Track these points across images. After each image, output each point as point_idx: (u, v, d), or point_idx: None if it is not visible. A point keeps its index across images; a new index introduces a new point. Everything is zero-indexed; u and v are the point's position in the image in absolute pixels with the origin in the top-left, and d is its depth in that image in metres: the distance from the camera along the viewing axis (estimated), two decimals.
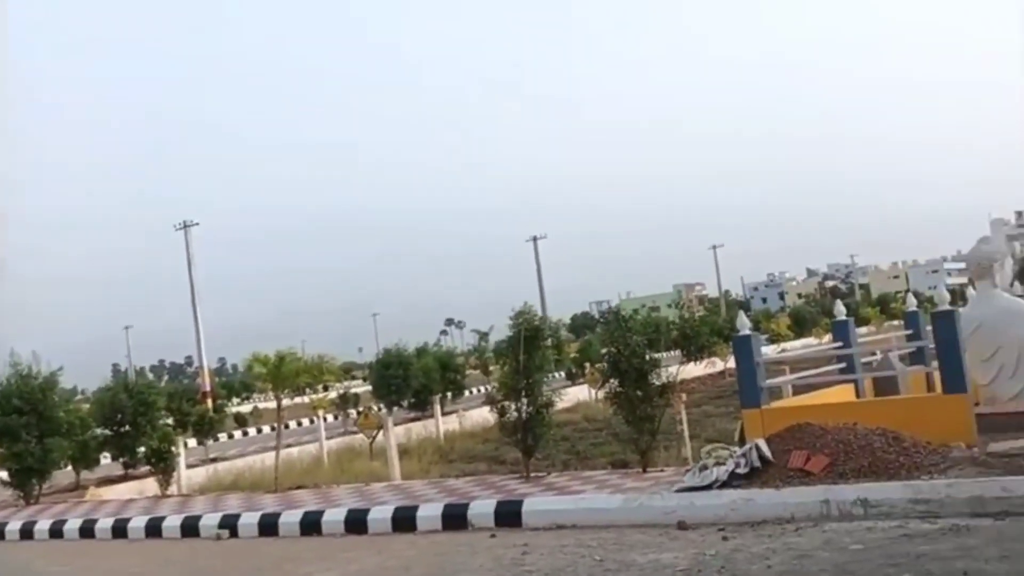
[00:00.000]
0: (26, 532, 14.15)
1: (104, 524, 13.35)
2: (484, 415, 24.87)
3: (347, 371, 53.06)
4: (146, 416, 18.98)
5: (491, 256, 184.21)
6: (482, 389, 37.74)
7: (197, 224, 50.17)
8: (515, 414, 12.49)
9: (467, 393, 34.48)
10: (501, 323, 14.50)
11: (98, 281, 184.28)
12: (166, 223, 52.30)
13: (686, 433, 13.14)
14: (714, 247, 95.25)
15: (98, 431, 19.26)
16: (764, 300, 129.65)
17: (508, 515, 10.08)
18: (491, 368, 27.83)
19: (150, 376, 77.22)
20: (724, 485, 9.25)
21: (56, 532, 13.78)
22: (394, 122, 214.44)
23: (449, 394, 30.71)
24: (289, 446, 18.47)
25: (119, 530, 13.07)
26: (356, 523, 10.96)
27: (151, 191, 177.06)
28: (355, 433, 21.94)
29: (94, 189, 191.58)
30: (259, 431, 36.91)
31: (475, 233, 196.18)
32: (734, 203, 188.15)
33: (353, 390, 39.09)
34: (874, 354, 15.16)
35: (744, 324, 12.22)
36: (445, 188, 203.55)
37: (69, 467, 18.74)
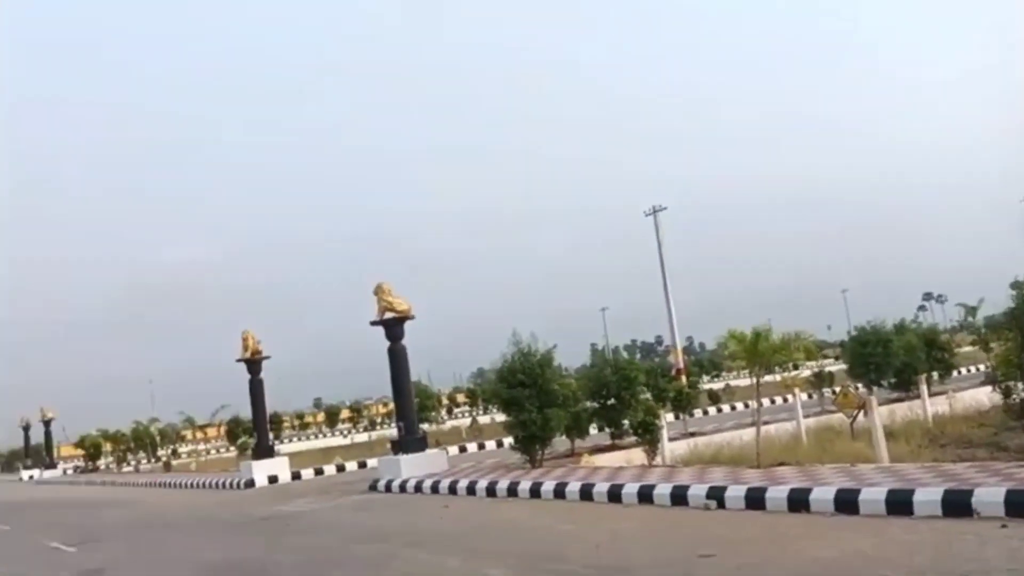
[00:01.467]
0: (534, 491, 15.92)
1: (601, 488, 14.50)
2: (977, 397, 22.65)
3: (818, 349, 51.58)
4: (629, 391, 20.30)
5: (973, 223, 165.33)
6: (972, 369, 34.33)
7: (665, 208, 52.02)
8: (1022, 395, 11.21)
9: (956, 373, 31.65)
10: (991, 296, 13.07)
11: (579, 268, 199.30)
12: (637, 209, 54.50)
13: None
14: None
15: (587, 404, 21.05)
16: None
17: (1021, 505, 9.07)
18: (991, 345, 25.10)
19: (625, 354, 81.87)
20: None
21: (559, 493, 15.30)
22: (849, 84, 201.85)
23: (936, 374, 28.39)
24: (765, 423, 18.46)
25: (614, 495, 14.10)
26: (846, 503, 10.63)
27: (622, 178, 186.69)
28: (832, 412, 21.29)
29: (568, 186, 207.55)
30: (732, 408, 37.53)
31: (951, 200, 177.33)
32: None
33: (827, 368, 37.97)
34: None
35: None
36: (911, 154, 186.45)
37: (563, 435, 20.69)
